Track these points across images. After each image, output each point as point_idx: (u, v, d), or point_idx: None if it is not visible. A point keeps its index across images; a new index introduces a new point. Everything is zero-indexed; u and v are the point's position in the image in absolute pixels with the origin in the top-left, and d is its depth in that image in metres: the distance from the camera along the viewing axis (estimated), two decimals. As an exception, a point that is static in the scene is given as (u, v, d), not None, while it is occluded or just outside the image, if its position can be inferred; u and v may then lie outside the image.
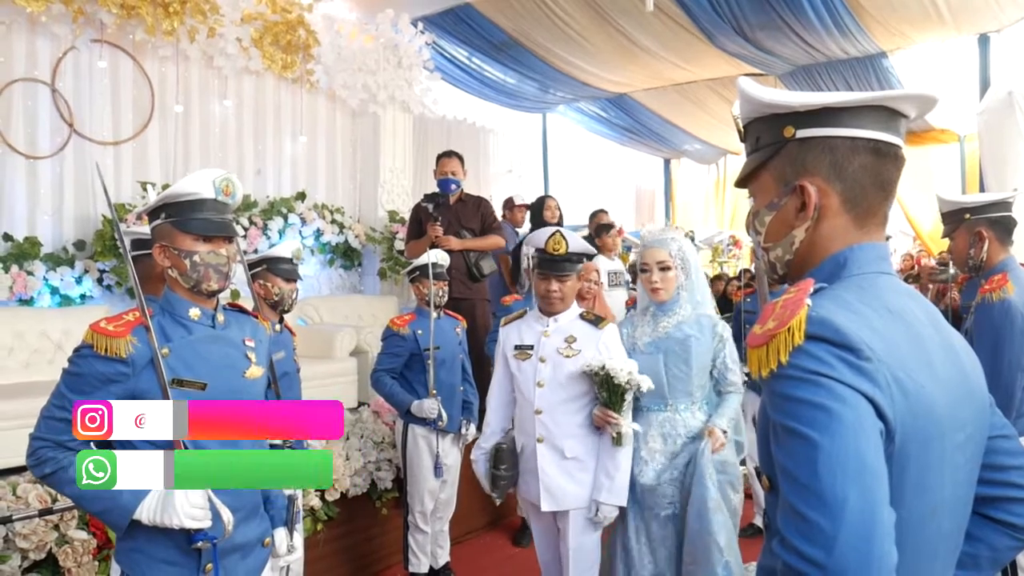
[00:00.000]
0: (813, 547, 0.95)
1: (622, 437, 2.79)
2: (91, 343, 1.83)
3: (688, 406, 2.93)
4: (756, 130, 1.24)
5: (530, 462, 2.95)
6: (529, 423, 2.95)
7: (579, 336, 2.92)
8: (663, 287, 2.90)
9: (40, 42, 5.38)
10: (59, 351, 4.75)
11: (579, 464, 2.88)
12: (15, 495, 3.13)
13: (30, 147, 5.35)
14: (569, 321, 2.98)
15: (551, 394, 2.90)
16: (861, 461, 0.97)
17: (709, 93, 9.90)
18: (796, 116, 1.17)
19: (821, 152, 1.16)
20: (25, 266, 5.12)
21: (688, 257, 2.95)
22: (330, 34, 6.82)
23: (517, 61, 8.90)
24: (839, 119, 1.15)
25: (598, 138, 11.94)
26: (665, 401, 2.93)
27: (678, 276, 2.91)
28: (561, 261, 2.90)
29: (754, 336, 1.08)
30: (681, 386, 2.91)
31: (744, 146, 1.29)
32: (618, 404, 2.77)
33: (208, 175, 1.94)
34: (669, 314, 2.95)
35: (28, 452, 1.82)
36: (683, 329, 2.91)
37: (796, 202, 1.19)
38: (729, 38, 7.92)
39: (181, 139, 6.18)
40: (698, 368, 2.91)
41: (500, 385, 3.11)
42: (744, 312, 5.07)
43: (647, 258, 2.94)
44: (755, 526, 4.93)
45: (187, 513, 1.78)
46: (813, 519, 0.96)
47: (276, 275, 3.35)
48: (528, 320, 3.06)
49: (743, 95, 1.23)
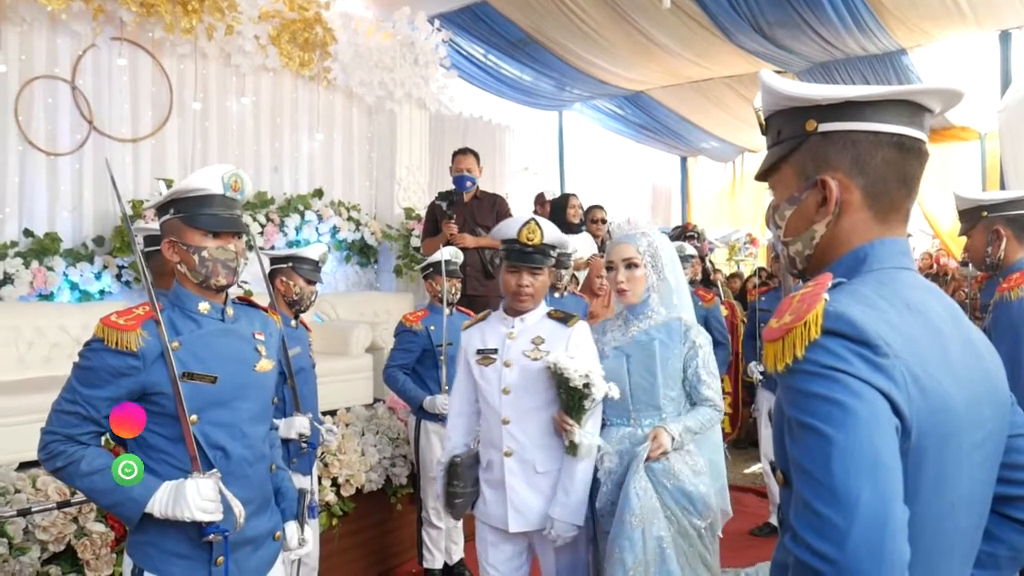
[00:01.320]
0: (825, 543, 0.95)
1: (575, 447, 2.51)
2: (102, 337, 1.84)
3: (654, 421, 2.62)
4: (777, 123, 1.23)
5: (496, 478, 2.68)
6: (496, 435, 2.67)
7: (547, 336, 2.65)
8: (629, 287, 2.64)
9: (60, 40, 5.43)
10: (78, 346, 4.74)
11: (550, 479, 2.62)
12: (35, 488, 3.17)
13: (50, 144, 5.40)
14: (536, 321, 2.71)
15: (518, 401, 2.63)
16: (875, 457, 0.96)
17: (726, 90, 9.83)
18: (818, 110, 1.16)
19: (843, 146, 1.15)
20: (45, 262, 5.17)
21: (660, 255, 2.67)
22: (347, 32, 6.83)
23: (534, 58, 8.88)
24: (862, 113, 1.13)
25: (614, 136, 11.90)
26: (628, 414, 2.65)
27: (647, 276, 2.65)
28: (534, 253, 2.61)
29: (770, 330, 1.07)
30: (646, 397, 2.62)
31: (765, 139, 1.27)
32: (575, 410, 2.50)
33: (216, 171, 1.95)
34: (639, 318, 2.68)
35: (40, 446, 1.84)
36: (649, 333, 2.65)
37: (817, 196, 1.17)
38: (747, 35, 7.87)
39: (199, 136, 6.22)
40: (665, 377, 2.61)
41: (461, 395, 2.82)
42: (759, 310, 5.05)
43: (612, 255, 2.70)
44: (771, 525, 4.91)
45: (198, 506, 1.79)
46: (826, 515, 0.95)
47: (299, 275, 3.38)
48: (492, 322, 2.79)
49: (765, 87, 1.21)
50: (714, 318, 5.02)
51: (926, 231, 10.90)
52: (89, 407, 1.82)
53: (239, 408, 1.98)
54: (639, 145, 12.39)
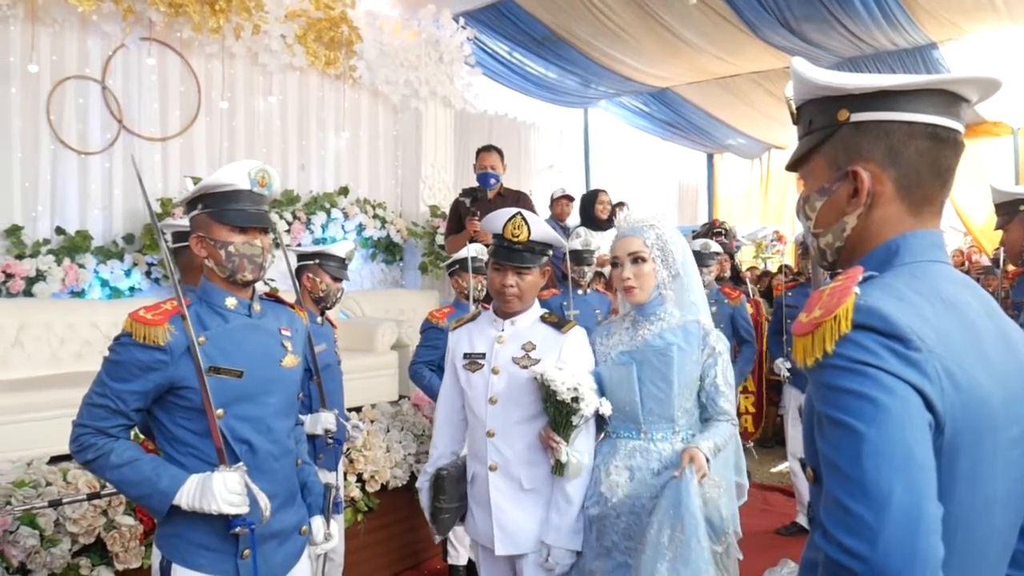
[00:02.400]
0: (856, 540, 0.93)
1: (562, 467, 2.30)
2: (130, 331, 1.86)
3: (667, 435, 2.37)
4: (809, 112, 1.20)
5: (482, 494, 2.47)
6: (481, 447, 2.47)
7: (539, 342, 2.44)
8: (637, 284, 2.37)
9: (91, 41, 5.50)
10: (108, 342, 4.82)
11: (539, 498, 2.40)
12: (65, 481, 3.21)
13: (81, 143, 5.47)
14: (529, 324, 2.49)
15: (505, 412, 2.42)
16: (908, 453, 0.95)
17: (753, 86, 9.75)
18: (851, 99, 1.13)
19: (876, 137, 1.12)
20: (76, 259, 5.25)
21: (671, 248, 2.40)
22: (372, 30, 6.86)
23: (558, 56, 8.86)
24: (896, 103, 1.11)
25: (640, 133, 11.85)
26: (638, 426, 2.38)
27: (657, 272, 2.38)
28: (521, 251, 2.40)
29: (800, 324, 1.05)
30: (659, 408, 2.36)
31: (796, 129, 1.25)
32: (563, 426, 2.29)
33: (244, 166, 1.96)
34: (651, 319, 2.42)
35: (71, 438, 1.86)
36: (665, 337, 2.37)
37: (848, 188, 1.15)
38: (774, 30, 7.80)
39: (227, 135, 6.28)
40: (681, 386, 2.36)
41: (448, 400, 2.62)
42: (786, 306, 5.00)
43: (617, 250, 2.43)
44: (797, 524, 4.87)
45: (225, 499, 1.81)
46: (857, 511, 0.94)
47: (325, 272, 3.40)
48: (481, 323, 2.58)
49: (797, 76, 1.19)
50: (740, 316, 4.98)
51: (957, 228, 10.74)
52: (118, 401, 1.84)
53: (265, 403, 1.99)
54: (665, 142, 12.33)
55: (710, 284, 5.02)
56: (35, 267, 5.06)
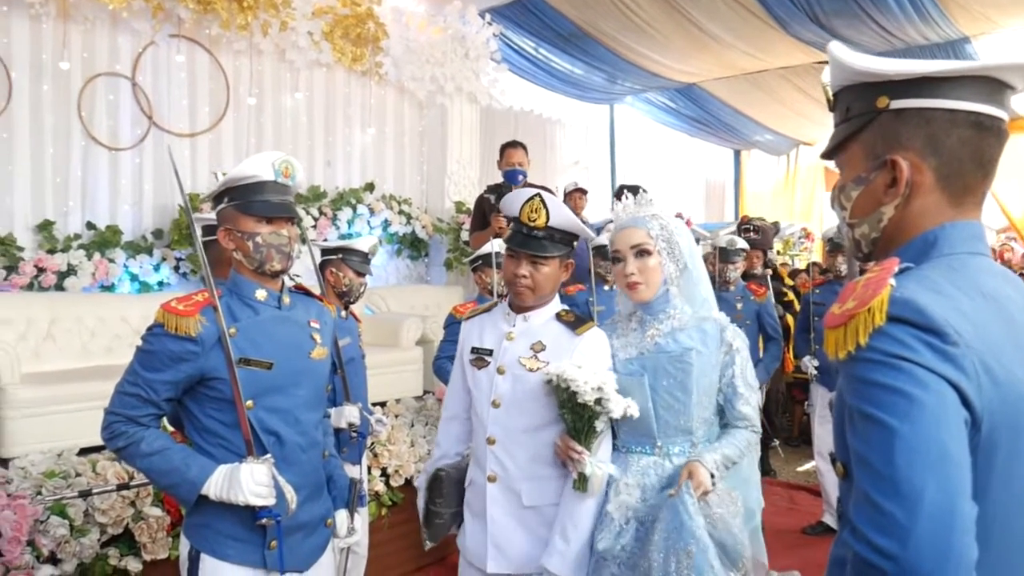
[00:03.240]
0: (887, 538, 0.91)
1: (586, 481, 2.02)
2: (162, 322, 1.88)
3: (685, 449, 2.12)
4: (846, 99, 1.18)
5: (478, 504, 2.23)
6: (481, 453, 2.23)
7: (550, 342, 2.18)
8: (643, 280, 2.13)
9: (121, 38, 5.57)
10: (138, 336, 4.90)
11: (540, 516, 2.15)
12: (95, 472, 3.26)
13: (112, 139, 5.55)
14: (543, 322, 2.23)
15: (508, 418, 2.17)
16: (942, 450, 0.93)
17: (781, 82, 9.65)
18: (891, 85, 1.11)
19: (916, 124, 1.10)
20: (107, 254, 5.32)
21: (677, 240, 2.15)
22: (399, 27, 6.88)
23: (585, 51, 8.82)
24: (938, 89, 1.08)
25: (667, 129, 11.78)
26: (652, 440, 2.13)
27: (664, 265, 2.14)
28: (539, 237, 2.15)
29: (832, 316, 1.03)
30: (675, 420, 2.11)
31: (833, 116, 1.22)
32: (584, 432, 2.03)
33: (267, 158, 1.97)
34: (659, 318, 2.17)
35: (102, 426, 1.89)
36: (679, 339, 2.13)
37: (886, 177, 1.13)
38: (803, 25, 7.71)
39: (254, 131, 6.33)
40: (700, 394, 2.11)
41: (455, 395, 2.39)
42: (813, 303, 4.95)
43: (618, 243, 2.18)
44: (824, 524, 4.82)
45: (252, 490, 1.82)
46: (888, 509, 0.92)
47: (348, 266, 3.41)
48: (495, 316, 2.33)
49: (835, 61, 1.16)
50: (767, 312, 4.95)
51: (991, 227, 10.57)
52: (149, 390, 1.87)
53: (294, 394, 2.00)
54: (691, 139, 12.25)
55: (736, 281, 4.99)
56: (66, 261, 5.13)
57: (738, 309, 4.88)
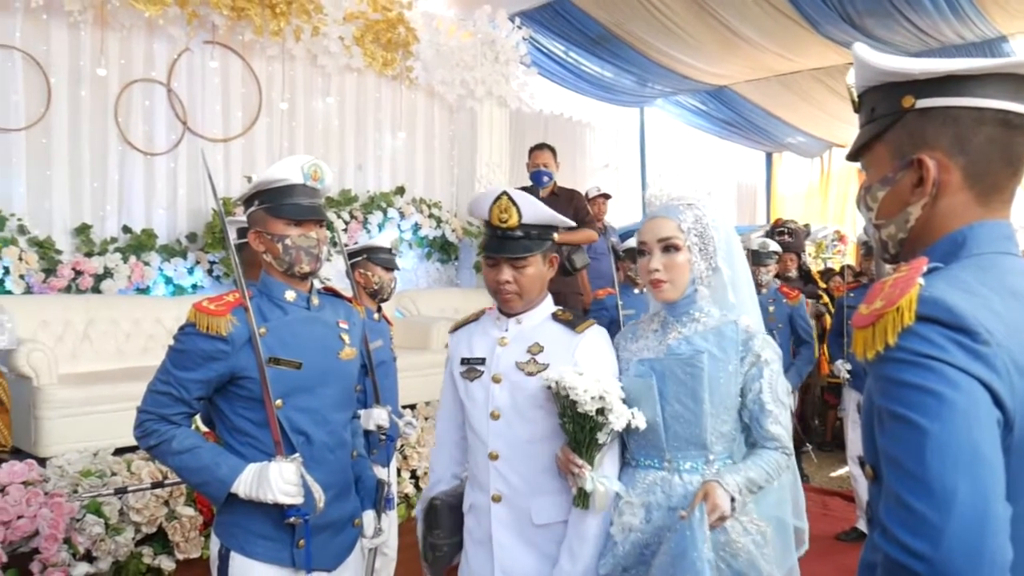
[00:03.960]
0: (918, 539, 0.90)
1: (587, 498, 1.86)
2: (194, 321, 1.91)
3: (698, 465, 1.89)
4: (872, 100, 1.17)
5: (481, 529, 2.04)
6: (482, 472, 2.04)
7: (548, 343, 2.02)
8: (668, 277, 1.91)
9: (157, 44, 5.66)
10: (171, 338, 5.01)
11: (551, 534, 1.97)
12: (129, 471, 3.31)
13: (147, 144, 5.63)
14: (537, 323, 2.07)
15: (510, 430, 1.99)
16: (974, 450, 0.91)
17: (814, 83, 9.56)
18: (917, 85, 1.10)
19: (943, 123, 1.08)
20: (142, 257, 5.40)
21: (711, 235, 1.94)
22: (429, 31, 6.92)
23: (614, 54, 8.81)
24: (965, 88, 1.07)
25: (697, 132, 11.72)
26: (661, 453, 1.91)
27: (693, 262, 1.92)
28: (515, 238, 1.98)
29: (860, 316, 1.02)
30: (686, 432, 1.89)
31: (858, 117, 1.21)
32: (585, 444, 1.85)
33: (296, 161, 2.00)
34: (683, 320, 1.96)
35: (135, 424, 1.92)
36: (693, 343, 1.92)
37: (913, 177, 1.11)
38: (836, 26, 7.64)
39: (286, 135, 6.39)
40: (715, 405, 1.88)
41: (448, 414, 2.21)
42: (847, 307, 4.90)
43: (645, 234, 1.97)
44: (858, 530, 4.75)
45: (280, 489, 1.84)
46: (919, 510, 0.90)
47: (376, 264, 3.43)
48: (484, 323, 2.16)
49: (859, 62, 1.16)
50: (799, 316, 4.90)
51: (1021, 226, 10.39)
52: (181, 389, 1.90)
53: (322, 394, 2.02)
54: (723, 141, 12.18)
55: (768, 284, 4.95)
56: (103, 264, 5.22)
57: (770, 312, 4.84)
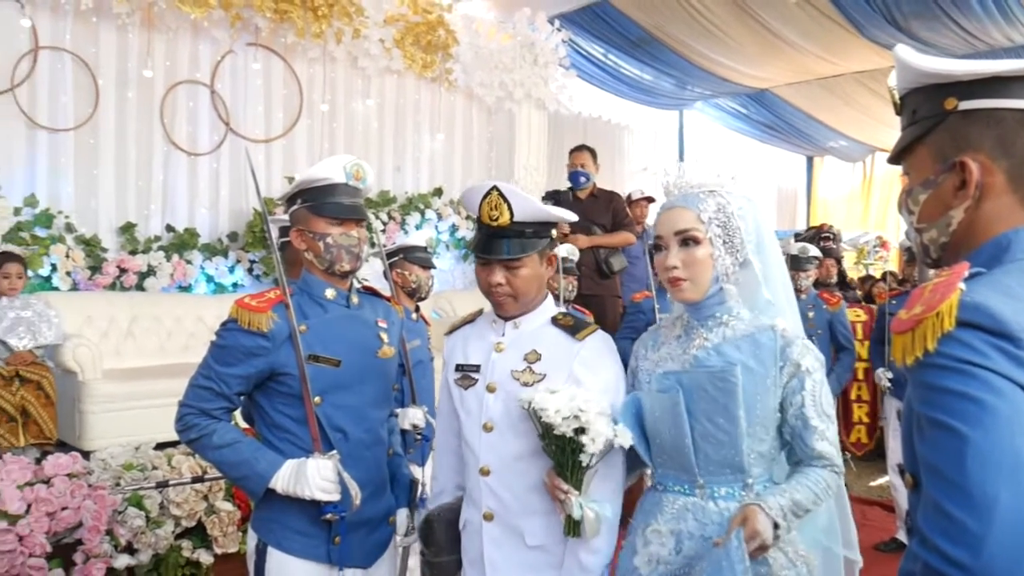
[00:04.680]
0: (958, 548, 0.88)
1: (575, 526, 1.68)
2: (236, 317, 1.94)
3: (735, 490, 1.67)
4: (914, 102, 1.15)
5: (474, 548, 1.89)
6: (475, 488, 1.89)
7: (546, 350, 1.84)
8: (687, 274, 1.67)
9: (202, 46, 5.77)
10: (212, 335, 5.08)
11: (548, 557, 1.81)
12: (170, 465, 3.37)
13: (191, 145, 5.74)
14: (536, 328, 1.90)
15: (503, 444, 1.83)
16: (1016, 458, 0.89)
17: (857, 87, 9.43)
18: (959, 86, 1.08)
19: (986, 125, 1.07)
20: (184, 255, 5.50)
21: (737, 225, 1.69)
22: (468, 33, 6.95)
23: (654, 57, 8.78)
24: (1009, 89, 1.06)
25: (737, 135, 11.63)
26: (692, 478, 1.69)
27: (717, 258, 1.67)
28: (507, 237, 1.82)
29: (899, 321, 1.00)
30: (720, 454, 1.66)
31: (900, 120, 1.20)
32: (569, 468, 1.67)
33: (339, 161, 2.02)
34: (708, 324, 1.72)
35: (176, 418, 1.95)
36: (724, 352, 1.67)
37: (955, 180, 1.09)
38: (880, 28, 7.52)
39: (327, 136, 6.47)
40: (752, 423, 1.64)
41: (446, 422, 2.04)
42: (889, 314, 4.81)
43: (661, 227, 1.73)
44: (897, 540, 4.67)
45: (317, 485, 1.86)
46: (959, 518, 0.89)
47: (413, 263, 3.46)
48: (480, 326, 2.00)
49: (900, 63, 1.14)
50: (839, 322, 4.84)
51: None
52: (222, 384, 1.93)
53: (361, 392, 2.04)
54: (763, 145, 12.06)
55: (807, 289, 4.88)
56: (147, 263, 5.33)
57: (809, 318, 4.77)
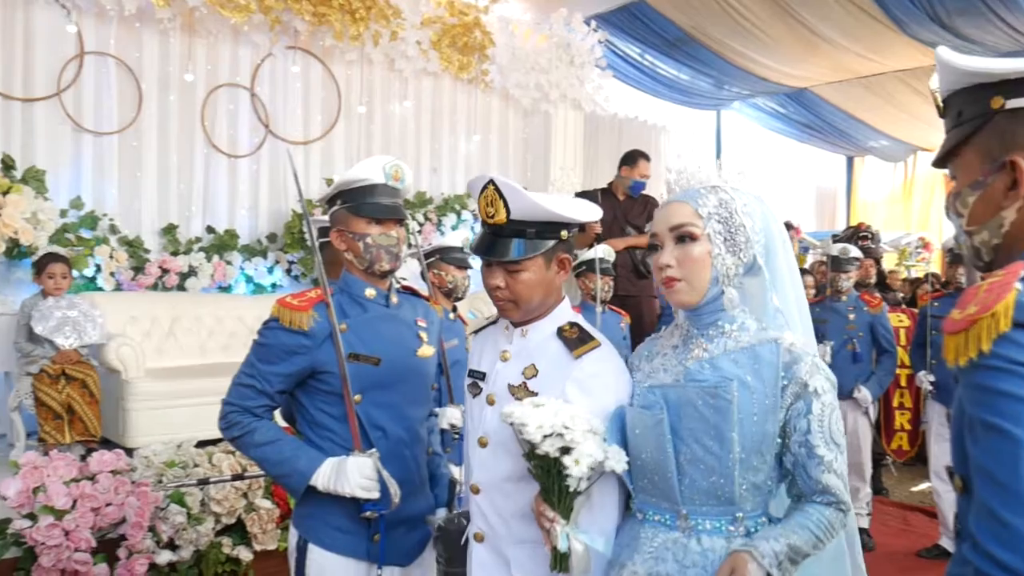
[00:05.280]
0: (1011, 552, 0.87)
1: (563, 560, 1.47)
2: (278, 316, 1.97)
3: (723, 526, 1.46)
4: (958, 103, 1.14)
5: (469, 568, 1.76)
6: (470, 504, 1.78)
7: (544, 366, 1.67)
8: (682, 274, 1.50)
9: (242, 50, 5.85)
10: (252, 335, 5.13)
11: None
12: (211, 463, 3.41)
13: (231, 147, 5.82)
14: (543, 338, 1.72)
15: (494, 461, 1.68)
16: None
17: (899, 85, 9.28)
18: (1005, 85, 1.07)
19: None
20: (224, 256, 5.58)
21: (742, 222, 1.51)
22: (505, 35, 6.97)
23: (691, 57, 8.72)
24: None
25: (775, 135, 11.50)
26: (675, 508, 1.49)
27: (716, 257, 1.49)
28: (504, 236, 1.67)
29: (952, 321, 0.99)
30: (707, 482, 1.46)
31: (944, 122, 1.18)
32: (556, 494, 1.48)
33: (378, 161, 2.04)
34: (710, 333, 1.54)
35: (220, 415, 1.98)
36: (719, 365, 1.49)
37: (1006, 180, 1.07)
38: (923, 26, 7.39)
39: (364, 138, 6.52)
40: (747, 449, 1.44)
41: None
42: (932, 316, 4.72)
43: (656, 225, 1.57)
44: (940, 547, 4.58)
45: (357, 483, 1.87)
46: (1012, 523, 0.88)
47: (449, 263, 3.47)
48: (496, 330, 1.85)
49: (942, 64, 1.13)
50: (881, 324, 4.76)
51: None
52: (264, 382, 1.95)
53: (400, 391, 2.05)
54: (801, 145, 11.91)
55: (848, 291, 4.81)
56: (188, 263, 5.41)
57: (850, 320, 4.71)
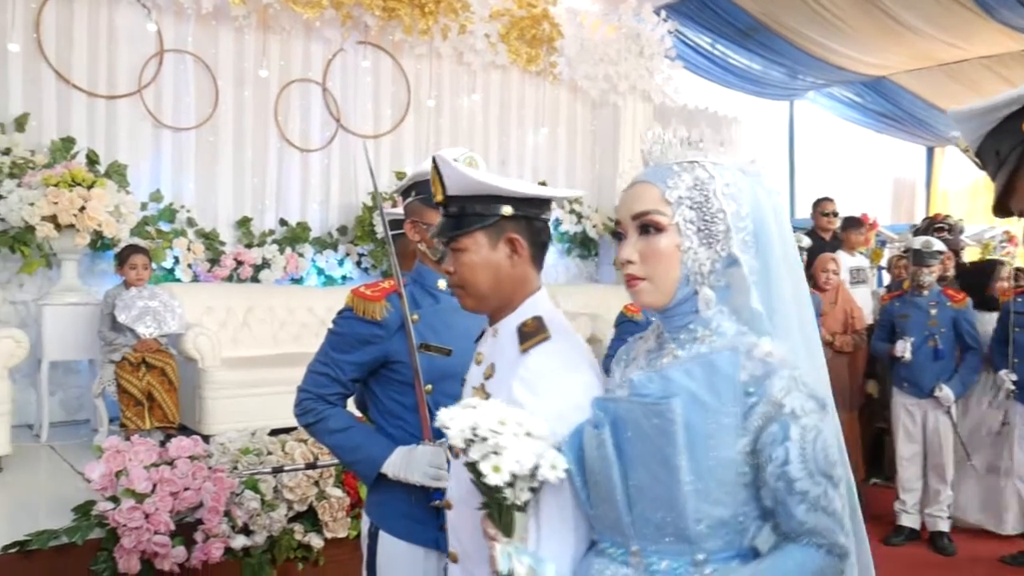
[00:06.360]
0: None
1: None
2: (352, 306, 1.99)
3: (681, 565, 1.20)
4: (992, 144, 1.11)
5: None
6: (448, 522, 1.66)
7: (500, 362, 1.52)
8: (646, 273, 1.26)
9: (313, 46, 5.94)
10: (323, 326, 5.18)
11: None
12: (284, 451, 3.47)
13: (303, 141, 5.92)
14: (507, 335, 1.52)
15: (463, 473, 1.35)
16: None
17: (984, 72, 8.91)
18: None
19: None
20: (296, 249, 5.68)
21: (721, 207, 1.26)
22: (573, 26, 6.92)
23: (764, 46, 8.52)
24: None
25: (851, 125, 11.17)
26: (625, 540, 1.25)
27: (687, 251, 1.24)
28: (450, 215, 1.55)
29: None
30: (659, 515, 1.20)
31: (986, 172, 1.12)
32: (495, 508, 1.27)
33: (451, 153, 2.02)
34: (681, 338, 1.28)
35: (295, 403, 2.01)
36: (669, 376, 1.23)
37: None
38: (1014, 11, 7.08)
39: (433, 131, 6.56)
40: (703, 476, 1.17)
41: None
42: (1015, 313, 4.51)
43: (619, 212, 1.33)
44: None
45: (426, 472, 1.87)
46: None
47: None
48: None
49: None
50: (965, 320, 4.57)
51: None
52: (338, 370, 1.97)
53: None
54: (879, 135, 11.55)
55: (930, 285, 4.63)
56: (261, 256, 5.52)
57: (932, 316, 4.54)
